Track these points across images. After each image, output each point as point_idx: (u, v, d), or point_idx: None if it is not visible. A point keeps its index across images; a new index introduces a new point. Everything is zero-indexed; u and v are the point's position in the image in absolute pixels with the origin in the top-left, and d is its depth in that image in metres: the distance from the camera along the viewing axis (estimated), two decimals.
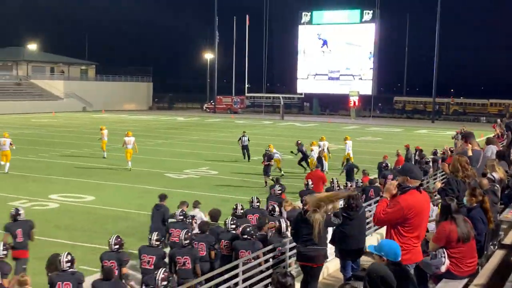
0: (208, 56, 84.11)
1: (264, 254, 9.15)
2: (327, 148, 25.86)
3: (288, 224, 9.79)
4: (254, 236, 9.30)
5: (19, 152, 28.29)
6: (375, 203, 12.22)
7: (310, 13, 74.54)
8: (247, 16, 71.22)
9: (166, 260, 9.57)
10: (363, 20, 71.27)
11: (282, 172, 23.95)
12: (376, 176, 17.92)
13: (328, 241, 8.87)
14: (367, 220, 10.66)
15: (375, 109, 74.78)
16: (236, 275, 8.53)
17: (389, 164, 19.41)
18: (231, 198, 18.70)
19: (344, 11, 73.32)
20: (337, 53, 72.97)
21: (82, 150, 30.74)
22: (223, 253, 9.80)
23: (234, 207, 11.42)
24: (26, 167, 24.98)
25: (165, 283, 7.48)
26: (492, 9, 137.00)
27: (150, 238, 9.52)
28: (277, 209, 11.58)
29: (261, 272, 8.95)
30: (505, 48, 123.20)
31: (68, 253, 8.06)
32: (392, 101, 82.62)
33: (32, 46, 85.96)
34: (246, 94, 75.68)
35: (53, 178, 22.54)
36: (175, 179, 23.08)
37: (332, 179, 15.15)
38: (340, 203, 9.25)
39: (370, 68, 71.31)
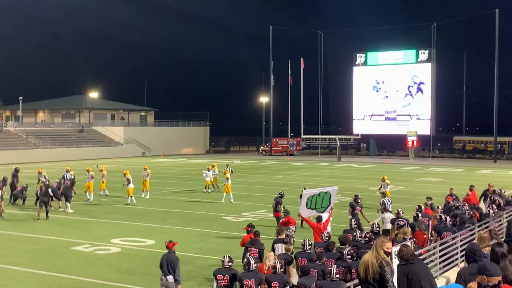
0: (264, 99, 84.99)
1: None
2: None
3: None
4: None
5: (80, 197, 29.04)
6: None
7: (364, 55, 74.64)
8: (301, 59, 71.90)
9: None
10: (418, 60, 70.82)
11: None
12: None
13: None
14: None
15: (434, 149, 73.39)
16: None
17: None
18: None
19: (399, 51, 73.11)
20: (393, 93, 72.62)
21: (140, 195, 31.23)
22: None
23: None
24: (88, 211, 25.56)
25: None
26: None
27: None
28: None
29: None
30: None
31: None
32: (452, 141, 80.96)
33: (94, 94, 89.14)
34: (302, 136, 75.78)
35: (115, 222, 22.93)
36: (233, 222, 23.08)
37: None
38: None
39: (428, 108, 70.37)
